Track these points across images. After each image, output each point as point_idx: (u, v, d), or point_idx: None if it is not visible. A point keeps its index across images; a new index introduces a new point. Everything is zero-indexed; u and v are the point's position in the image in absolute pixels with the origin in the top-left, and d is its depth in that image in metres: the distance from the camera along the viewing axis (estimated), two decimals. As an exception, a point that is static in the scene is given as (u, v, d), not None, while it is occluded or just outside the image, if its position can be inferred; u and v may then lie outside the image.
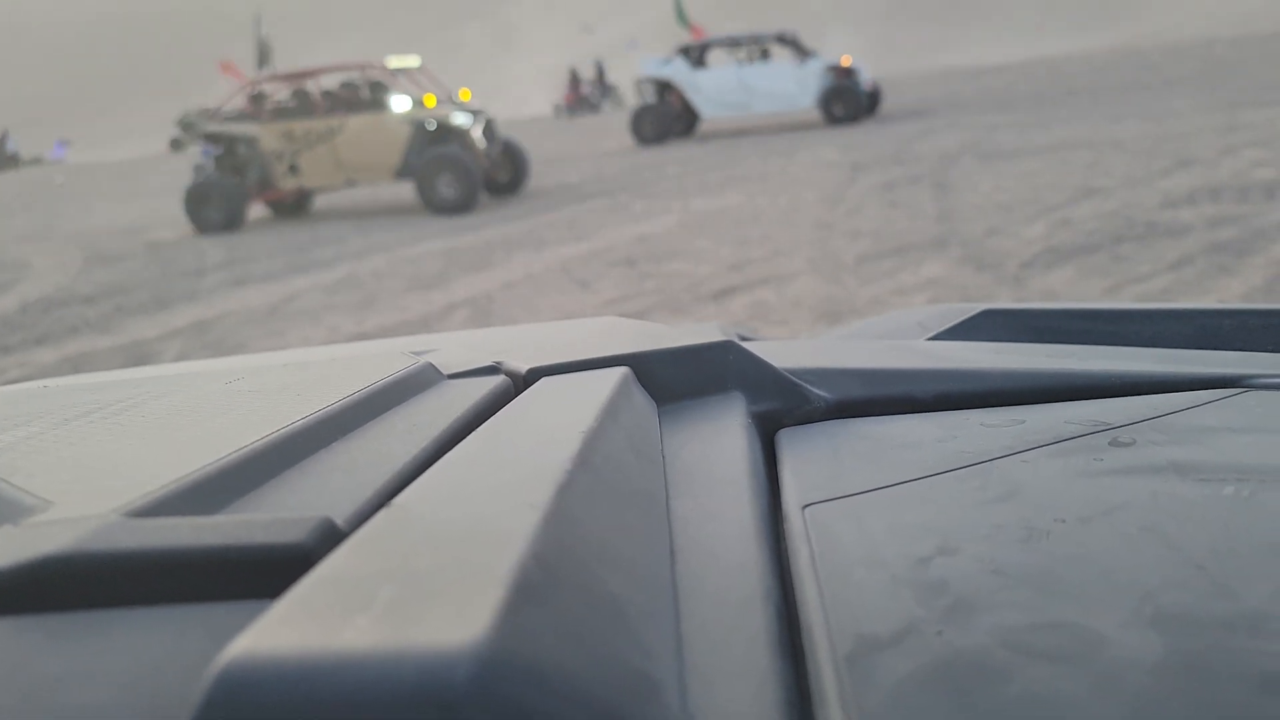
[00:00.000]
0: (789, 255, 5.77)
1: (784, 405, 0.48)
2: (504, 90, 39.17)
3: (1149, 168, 7.22)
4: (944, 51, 31.98)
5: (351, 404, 0.42)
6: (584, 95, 26.67)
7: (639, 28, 51.12)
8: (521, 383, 0.49)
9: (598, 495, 0.31)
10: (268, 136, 9.79)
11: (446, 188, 9.09)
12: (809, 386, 0.48)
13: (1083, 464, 0.37)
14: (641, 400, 0.46)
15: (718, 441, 0.42)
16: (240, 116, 10.09)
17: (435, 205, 9.15)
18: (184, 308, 6.38)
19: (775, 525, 0.35)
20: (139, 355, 5.33)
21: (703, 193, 8.67)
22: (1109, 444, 0.39)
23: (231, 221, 9.72)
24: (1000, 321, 0.66)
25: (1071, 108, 12.28)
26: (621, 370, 0.47)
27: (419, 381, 0.48)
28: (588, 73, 27.70)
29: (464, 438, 0.38)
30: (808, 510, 0.35)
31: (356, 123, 9.66)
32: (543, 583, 0.22)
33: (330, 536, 0.28)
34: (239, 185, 9.87)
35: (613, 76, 28.32)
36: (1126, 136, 9.01)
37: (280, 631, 0.20)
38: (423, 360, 0.51)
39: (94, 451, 0.39)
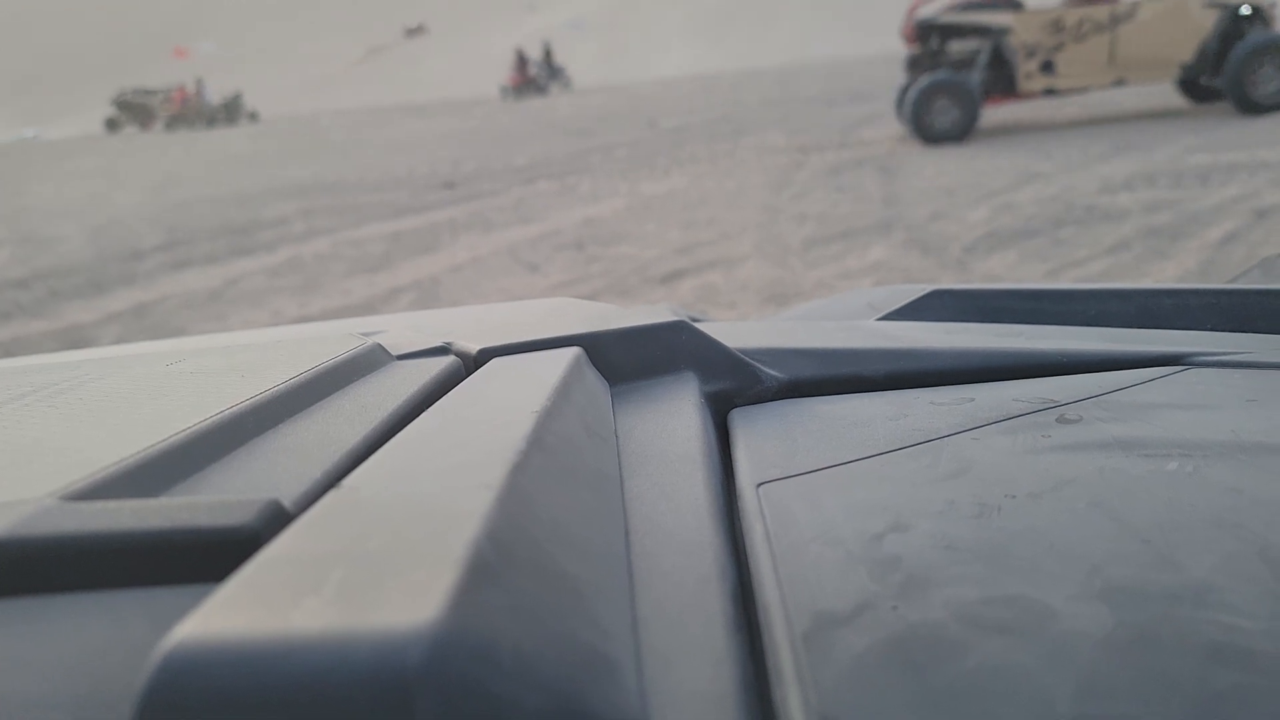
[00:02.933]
0: (737, 239, 5.80)
1: (736, 385, 0.48)
2: (444, 73, 38.58)
3: (1088, 152, 7.41)
4: (888, 37, 32.41)
5: (297, 385, 0.41)
6: (531, 77, 26.34)
7: (583, 9, 50.69)
8: (472, 363, 0.49)
9: (551, 475, 0.30)
10: (1026, 27, 8.29)
11: (1267, 84, 7.75)
12: (761, 366, 0.48)
13: (1031, 441, 0.37)
14: (594, 380, 0.46)
15: (671, 421, 0.42)
16: (987, 5, 8.55)
17: (1251, 108, 7.91)
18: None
19: (729, 504, 0.35)
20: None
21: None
22: (1056, 421, 0.40)
23: (963, 129, 8.45)
24: (948, 302, 0.66)
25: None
26: (573, 350, 0.47)
27: (367, 362, 0.47)
28: (535, 53, 27.37)
29: (413, 419, 0.37)
30: (761, 488, 0.35)
31: (1152, 8, 8.12)
32: (497, 562, 0.22)
33: (277, 518, 0.27)
34: (975, 86, 8.39)
35: (559, 58, 28.01)
36: (1065, 120, 9.22)
37: (227, 615, 0.19)
38: (370, 341, 0.50)
39: (28, 435, 0.38)
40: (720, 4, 44.07)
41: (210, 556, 0.26)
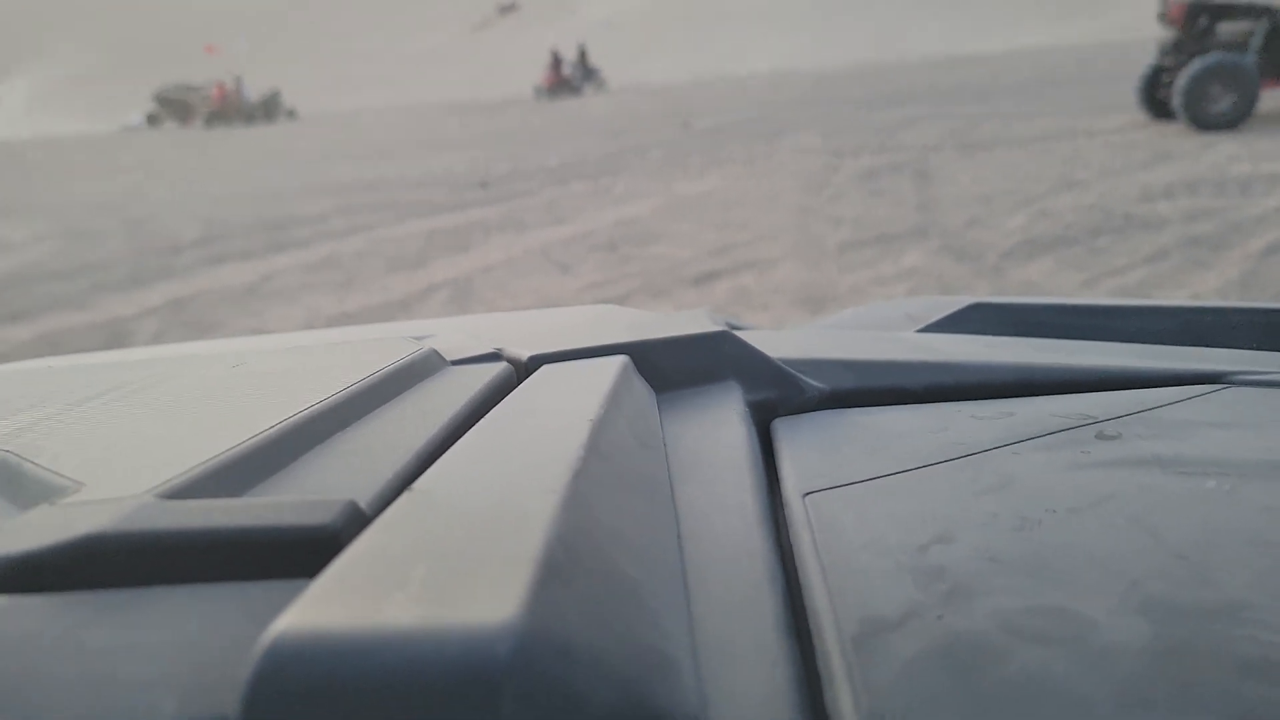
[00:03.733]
0: (771, 241, 5.78)
1: (779, 395, 0.48)
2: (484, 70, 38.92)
3: (1128, 160, 7.29)
4: (923, 40, 32.08)
5: (363, 389, 0.43)
6: (565, 77, 26.43)
7: (616, 12, 50.82)
8: (523, 370, 0.50)
9: (608, 482, 0.31)
10: None
11: None
12: (803, 376, 0.49)
13: (1071, 456, 0.38)
14: (641, 388, 0.47)
15: (716, 430, 0.43)
16: None
17: None
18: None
19: (776, 512, 0.35)
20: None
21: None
22: (1095, 437, 0.40)
23: (1241, 114, 8.05)
24: (987, 315, 0.67)
25: (1051, 99, 12.35)
26: (621, 359, 0.48)
27: (424, 368, 0.49)
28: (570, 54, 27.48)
29: (473, 424, 0.39)
30: (808, 498, 0.36)
31: None
32: (566, 564, 0.23)
33: (356, 519, 0.29)
34: (1253, 69, 7.94)
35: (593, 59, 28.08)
36: (1104, 129, 9.08)
37: (322, 609, 0.21)
38: (426, 347, 0.51)
39: (113, 433, 0.40)
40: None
41: (295, 554, 0.27)
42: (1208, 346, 0.57)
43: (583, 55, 27.41)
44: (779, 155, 9.49)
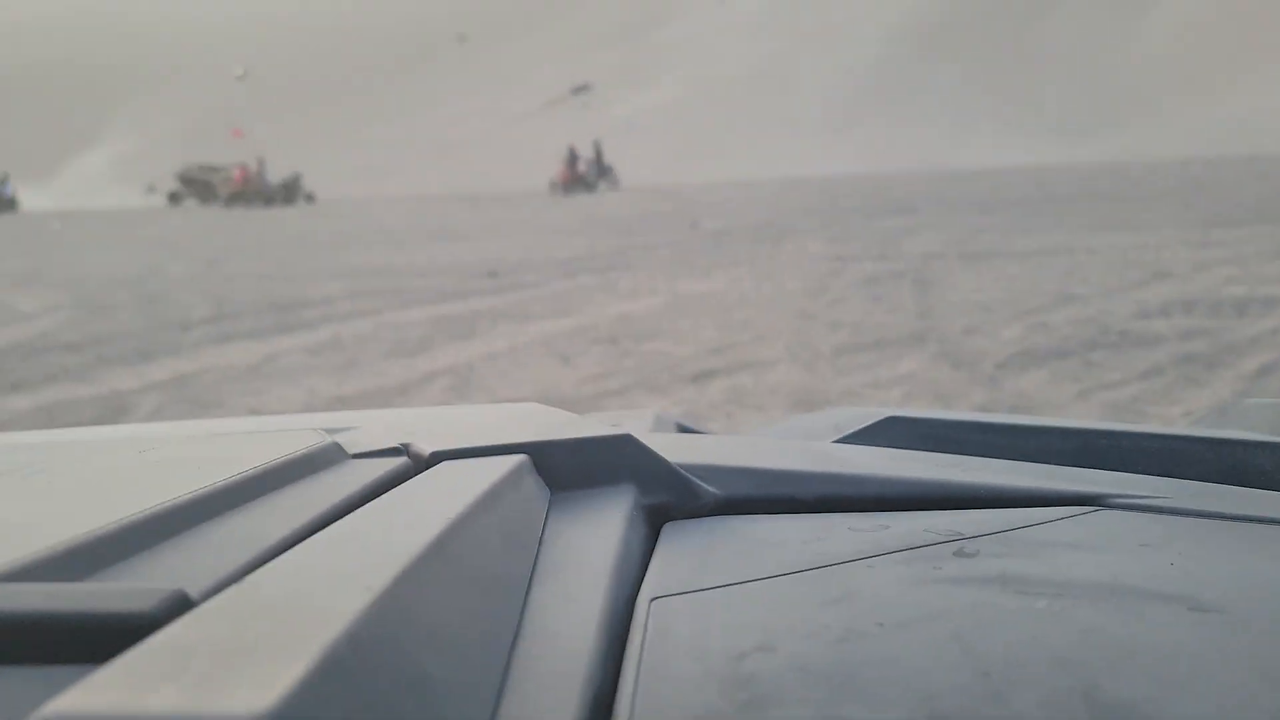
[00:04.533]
0: (770, 342, 5.85)
1: (674, 499, 0.49)
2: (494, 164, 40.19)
3: (1125, 278, 7.41)
4: (926, 154, 33.10)
5: (245, 479, 0.43)
6: (580, 174, 27.21)
7: (636, 110, 52.74)
8: (423, 465, 0.50)
9: (445, 580, 0.32)
10: None
11: None
12: (699, 482, 0.50)
13: (922, 571, 0.39)
14: (532, 487, 0.48)
15: (599, 531, 0.43)
16: None
17: None
18: None
19: (628, 616, 0.36)
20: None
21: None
22: (953, 554, 0.41)
23: None
24: (902, 428, 0.69)
25: (1053, 215, 12.66)
26: (519, 458, 0.49)
27: (321, 460, 0.49)
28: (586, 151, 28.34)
29: (345, 516, 0.40)
30: (654, 602, 0.37)
31: None
32: (351, 662, 0.24)
33: (181, 608, 0.29)
34: None
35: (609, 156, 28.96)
36: (1104, 246, 9.27)
37: (94, 694, 0.21)
38: (328, 439, 0.52)
39: None
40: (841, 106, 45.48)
41: (110, 641, 0.27)
42: (1100, 469, 0.57)
43: (598, 153, 28.28)
44: (783, 258, 9.68)
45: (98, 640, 0.27)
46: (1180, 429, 0.66)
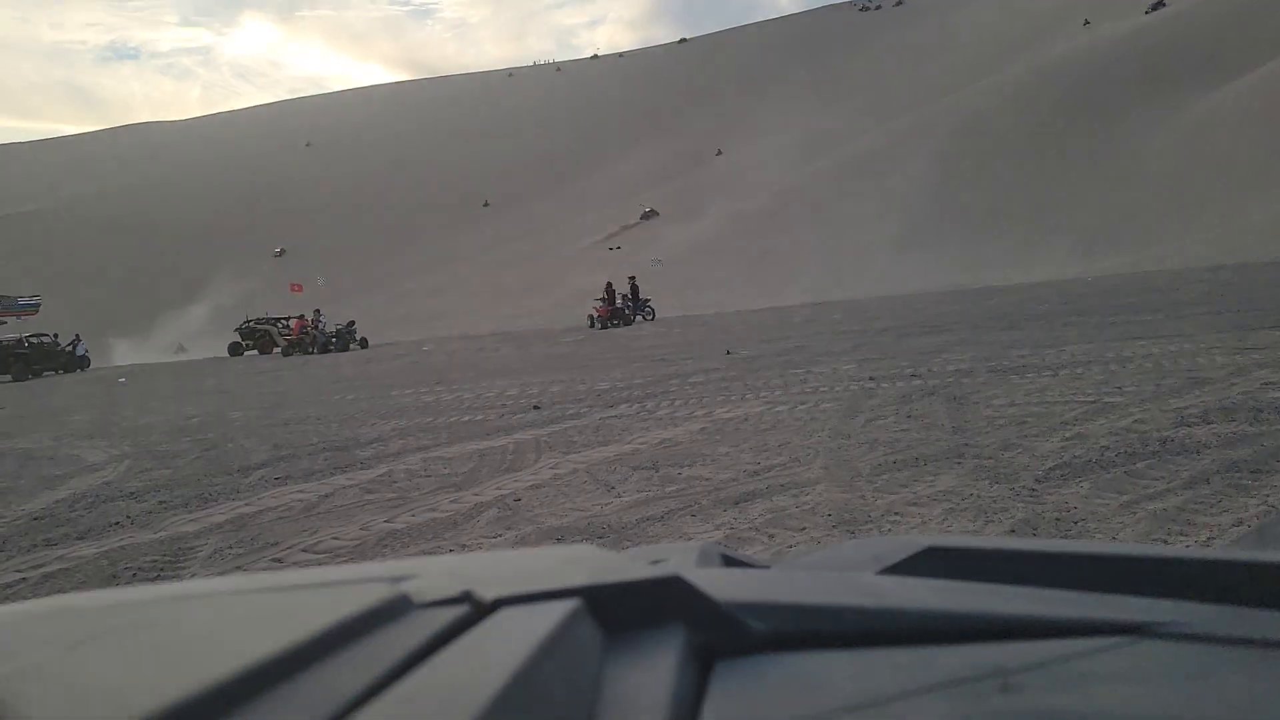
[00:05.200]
0: (807, 464, 5.93)
1: (722, 638, 0.51)
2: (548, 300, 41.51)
3: (1161, 386, 7.42)
4: (951, 272, 33.55)
5: (318, 636, 0.45)
6: (618, 308, 28.02)
7: (664, 249, 54.61)
8: (485, 611, 0.53)
9: None
10: None
11: None
12: (747, 620, 0.51)
13: (966, 709, 0.39)
14: (588, 632, 0.50)
15: (654, 674, 0.45)
16: None
17: None
18: None
19: None
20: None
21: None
22: (998, 689, 0.41)
23: None
24: (942, 559, 0.70)
25: (1081, 327, 12.70)
26: (573, 604, 0.51)
27: (388, 613, 0.52)
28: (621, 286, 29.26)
29: (414, 669, 0.43)
30: None
31: None
32: None
33: None
34: None
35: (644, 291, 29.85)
36: (1138, 355, 9.29)
37: None
38: (395, 589, 0.55)
39: (78, 681, 0.43)
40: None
41: None
42: (1141, 596, 0.58)
43: (634, 287, 29.16)
44: (815, 381, 9.83)
45: None
46: (1220, 552, 0.66)
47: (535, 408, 9.86)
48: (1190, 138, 46.74)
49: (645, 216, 70.22)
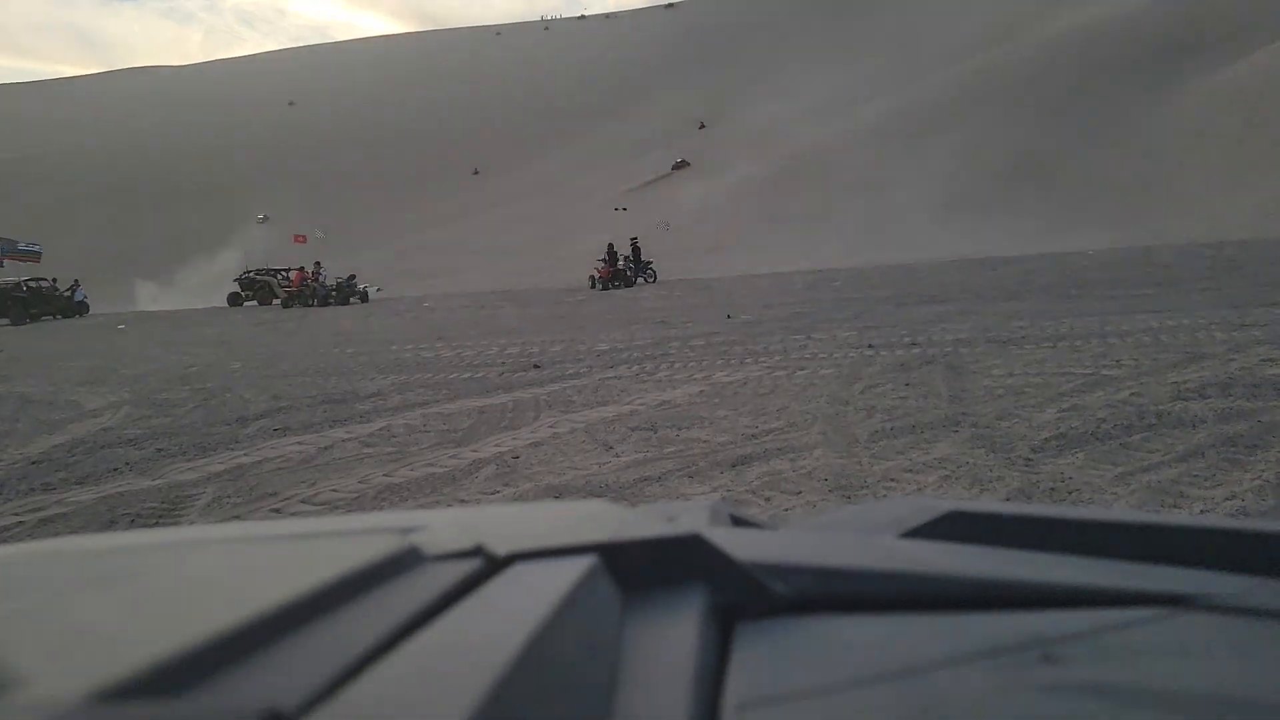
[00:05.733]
0: (805, 429, 5.96)
1: (744, 598, 0.49)
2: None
3: (1159, 360, 7.43)
4: (957, 242, 33.42)
5: (329, 587, 0.44)
6: (619, 269, 27.89)
7: (672, 209, 54.24)
8: (498, 566, 0.52)
9: (535, 692, 0.34)
10: None
11: None
12: (769, 581, 0.49)
13: (1009, 680, 0.38)
14: (606, 590, 0.49)
15: (676, 635, 0.44)
16: None
17: None
18: None
19: None
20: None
21: (726, 366, 8.91)
22: (1039, 659, 0.40)
23: None
24: (966, 523, 0.67)
25: (1083, 300, 12.69)
26: (589, 561, 0.50)
27: (399, 564, 0.50)
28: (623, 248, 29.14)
29: (431, 621, 0.41)
30: (741, 713, 0.37)
31: None
32: None
33: None
34: None
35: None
36: (1137, 329, 9.29)
37: None
38: (406, 542, 0.53)
39: (78, 626, 0.42)
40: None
41: None
42: (1178, 566, 0.56)
43: (636, 249, 29.02)
44: (815, 347, 9.83)
45: None
46: (1253, 523, 0.65)
47: (535, 366, 9.88)
48: (1198, 112, 46.27)
49: (677, 167, 70.60)
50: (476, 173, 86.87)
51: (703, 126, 77.27)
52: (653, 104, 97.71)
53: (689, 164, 70.13)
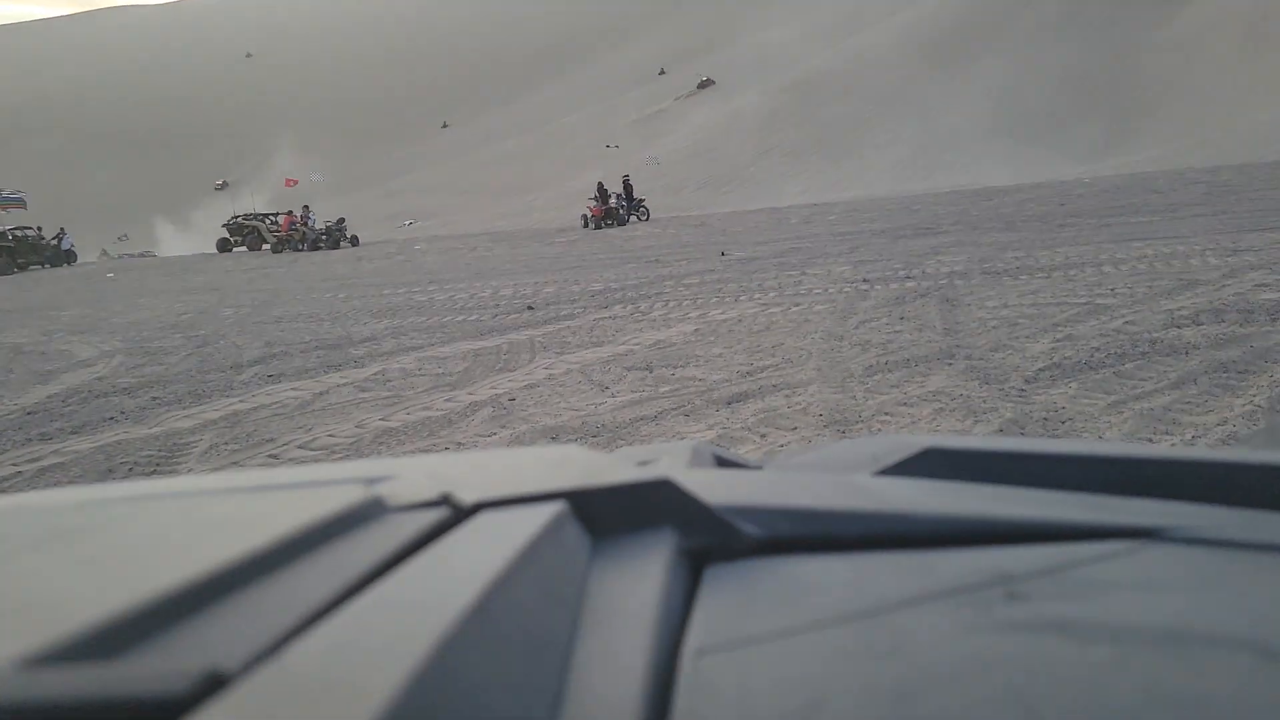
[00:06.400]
0: (800, 365, 5.97)
1: (714, 541, 0.49)
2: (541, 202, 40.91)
3: (1153, 288, 7.42)
4: (953, 172, 33.05)
5: (282, 541, 0.43)
6: (611, 208, 27.60)
7: (660, 146, 53.44)
8: (465, 514, 0.51)
9: (488, 644, 0.33)
10: None
11: None
12: (739, 524, 0.49)
13: (972, 618, 0.38)
14: (573, 537, 0.48)
15: (641, 578, 0.43)
16: None
17: None
18: None
19: (673, 671, 0.36)
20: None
21: (721, 303, 8.89)
22: (1004, 596, 0.40)
23: None
24: (941, 459, 0.67)
25: (1078, 229, 12.62)
26: (557, 507, 0.49)
27: (360, 516, 0.49)
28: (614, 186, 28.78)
29: (386, 575, 0.40)
30: (700, 658, 0.36)
31: None
32: None
33: (214, 687, 0.28)
34: None
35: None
36: (1132, 257, 9.26)
37: None
38: (368, 493, 0.52)
39: (25, 584, 0.41)
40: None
41: None
42: (1150, 498, 0.56)
43: (628, 187, 28.69)
44: (809, 283, 9.80)
45: None
46: (1229, 454, 0.63)
47: (529, 308, 9.84)
48: (1194, 37, 45.37)
49: (702, 86, 70.67)
50: (445, 125, 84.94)
51: (705, 83, 75.39)
52: (647, 37, 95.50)
53: (714, 82, 69.83)
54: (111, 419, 6.33)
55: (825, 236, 15.62)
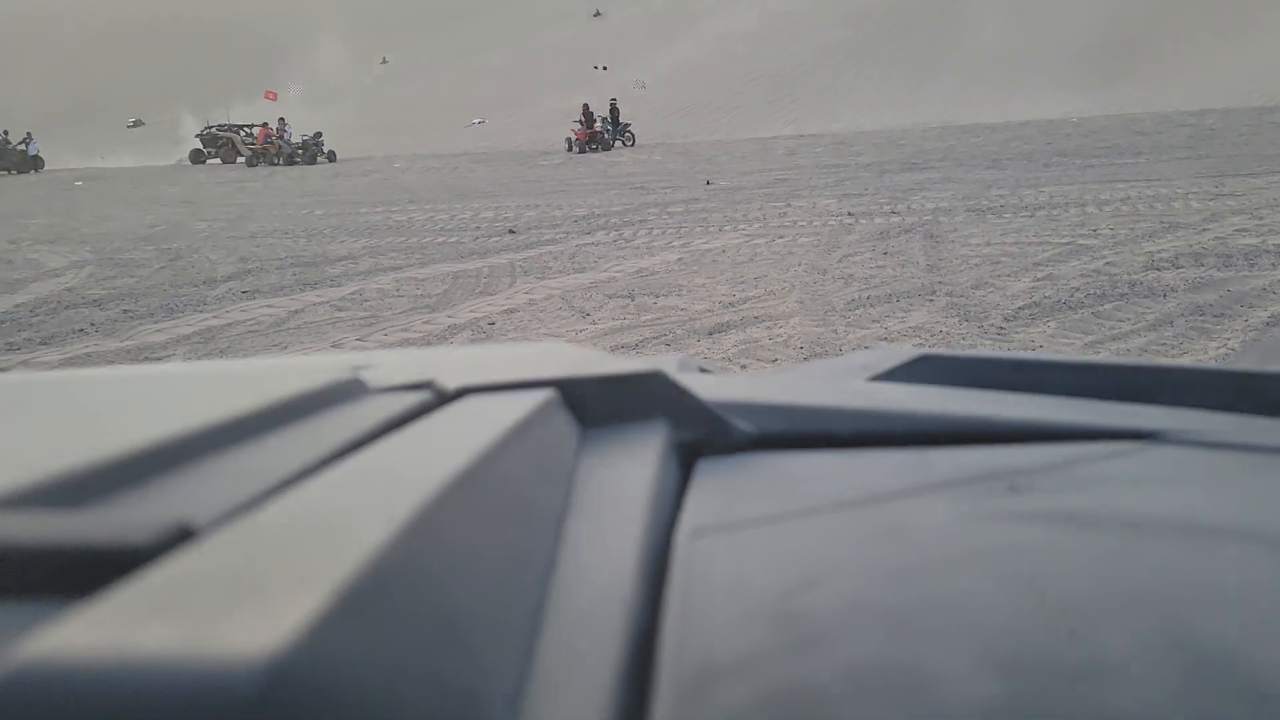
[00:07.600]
0: (783, 297, 5.96)
1: (706, 435, 0.48)
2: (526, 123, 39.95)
3: (1135, 229, 7.44)
4: (941, 107, 32.64)
5: (260, 410, 0.41)
6: (596, 132, 27.06)
7: (646, 69, 52.15)
8: (448, 399, 0.49)
9: (475, 512, 0.31)
10: None
11: None
12: (732, 419, 0.48)
13: (975, 507, 0.37)
14: (563, 422, 0.47)
15: (632, 467, 0.42)
16: None
17: None
18: None
19: (667, 551, 0.35)
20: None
21: (704, 232, 8.79)
22: (1005, 489, 0.39)
23: None
24: (936, 367, 0.66)
25: (1063, 169, 12.57)
26: (546, 393, 0.48)
27: (340, 393, 0.47)
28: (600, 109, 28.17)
29: (365, 447, 0.39)
30: (695, 540, 0.35)
31: None
32: (372, 596, 0.22)
33: (182, 539, 0.27)
34: None
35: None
36: (1115, 198, 9.25)
37: (82, 630, 0.20)
38: (350, 373, 0.50)
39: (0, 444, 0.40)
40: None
41: (103, 574, 0.25)
42: (1147, 404, 0.55)
43: (614, 110, 28.08)
44: (794, 215, 9.72)
45: (89, 573, 0.25)
46: (1226, 364, 0.62)
47: (510, 232, 9.70)
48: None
49: (595, 15, 66.70)
50: (384, 61, 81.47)
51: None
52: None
53: (602, 14, 66.88)
54: (81, 330, 6.22)
55: (810, 168, 15.46)
